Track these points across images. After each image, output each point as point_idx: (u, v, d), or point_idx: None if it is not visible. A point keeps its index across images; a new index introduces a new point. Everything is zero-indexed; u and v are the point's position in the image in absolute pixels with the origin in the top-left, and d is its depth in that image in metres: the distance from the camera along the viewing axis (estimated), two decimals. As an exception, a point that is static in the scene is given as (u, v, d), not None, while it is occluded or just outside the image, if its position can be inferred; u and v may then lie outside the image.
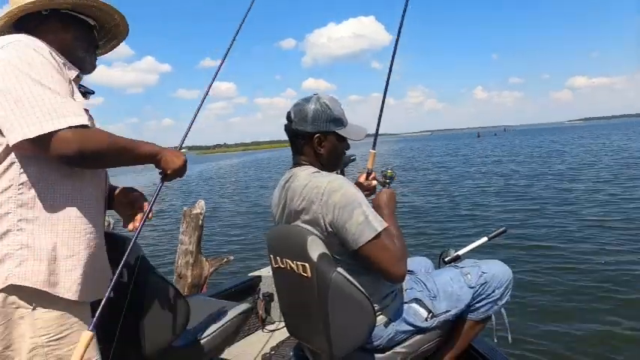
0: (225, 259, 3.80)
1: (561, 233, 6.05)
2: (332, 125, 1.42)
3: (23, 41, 1.03)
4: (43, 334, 1.01)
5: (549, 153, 22.60)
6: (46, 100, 0.96)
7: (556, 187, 10.41)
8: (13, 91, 0.95)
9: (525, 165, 17.17)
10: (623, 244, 5.30)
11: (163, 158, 1.17)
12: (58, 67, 1.05)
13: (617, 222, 6.35)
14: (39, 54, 1.01)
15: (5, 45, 1.01)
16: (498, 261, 1.65)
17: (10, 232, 0.99)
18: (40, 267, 1.00)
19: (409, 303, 1.47)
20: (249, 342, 2.47)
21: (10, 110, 0.94)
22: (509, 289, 1.58)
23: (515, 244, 5.54)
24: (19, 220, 1.00)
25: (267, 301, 2.63)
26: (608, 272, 4.36)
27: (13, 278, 0.97)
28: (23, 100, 0.95)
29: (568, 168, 14.46)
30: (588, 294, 3.93)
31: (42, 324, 1.01)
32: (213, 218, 9.81)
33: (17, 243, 1.00)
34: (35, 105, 0.95)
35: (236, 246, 7.04)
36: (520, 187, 10.99)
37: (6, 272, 0.98)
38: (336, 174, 1.45)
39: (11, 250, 0.99)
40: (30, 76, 0.97)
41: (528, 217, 7.31)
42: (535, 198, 9.20)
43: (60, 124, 0.95)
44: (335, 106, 1.44)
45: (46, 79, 0.98)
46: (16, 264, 0.98)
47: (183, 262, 3.39)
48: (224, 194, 14.63)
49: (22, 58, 0.98)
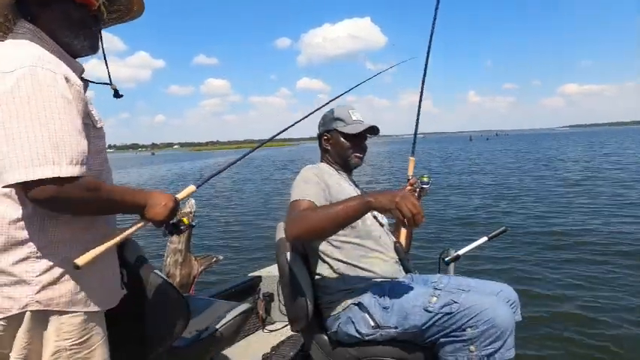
0: (214, 259, 3.77)
1: (561, 233, 6.11)
2: (333, 123, 1.73)
3: (35, 68, 0.94)
4: (67, 337, 1.04)
5: (548, 158, 22.84)
6: (39, 145, 0.90)
7: (554, 188, 10.57)
8: (9, 127, 0.90)
9: (523, 166, 17.43)
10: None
11: (148, 214, 1.12)
12: (73, 95, 0.99)
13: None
14: (49, 86, 0.94)
15: (15, 70, 0.93)
16: (501, 302, 1.35)
17: (30, 258, 0.99)
18: (60, 291, 1.02)
19: (358, 306, 1.47)
20: (250, 342, 2.47)
21: (1, 148, 0.90)
22: (501, 340, 1.21)
23: (516, 243, 5.58)
24: (37, 247, 1.00)
25: (267, 301, 2.64)
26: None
27: (34, 304, 0.99)
28: (16, 141, 0.90)
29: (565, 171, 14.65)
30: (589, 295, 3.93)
31: (67, 328, 1.04)
32: (209, 217, 9.77)
33: (35, 270, 1.00)
34: (24, 149, 0.89)
35: (233, 245, 7.01)
36: (519, 187, 11.16)
37: (25, 298, 0.99)
38: (317, 166, 1.69)
39: (29, 276, 0.99)
40: (31, 114, 0.91)
41: (528, 217, 7.40)
42: (535, 198, 9.36)
43: (39, 174, 0.89)
44: (339, 109, 1.75)
45: (48, 118, 0.92)
46: (35, 291, 0.99)
47: (172, 260, 3.36)
48: (219, 193, 14.58)
49: (29, 90, 0.92)
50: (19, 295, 0.99)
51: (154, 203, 1.11)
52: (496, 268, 4.78)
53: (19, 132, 0.90)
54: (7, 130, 0.90)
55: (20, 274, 0.99)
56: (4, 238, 0.98)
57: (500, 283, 1.62)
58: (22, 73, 0.93)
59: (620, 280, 4.23)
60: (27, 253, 0.99)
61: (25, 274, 0.99)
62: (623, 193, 9.39)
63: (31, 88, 0.92)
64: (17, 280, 0.99)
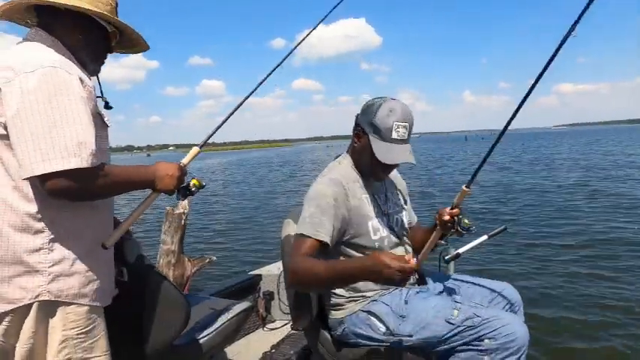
0: (208, 260, 3.77)
1: (563, 232, 6.12)
2: (368, 126, 1.44)
3: (54, 69, 1.01)
4: (73, 327, 1.09)
5: (545, 157, 22.94)
6: (59, 139, 0.97)
7: (553, 190, 10.60)
8: (32, 124, 0.96)
9: (522, 165, 17.48)
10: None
11: (158, 186, 1.19)
12: (86, 94, 1.06)
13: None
14: (66, 85, 1.01)
15: (36, 70, 1.00)
16: (516, 316, 1.40)
17: (43, 249, 1.04)
18: (70, 283, 1.08)
19: (368, 313, 1.45)
20: (250, 340, 2.47)
21: (24, 144, 0.96)
22: (516, 355, 1.24)
23: (515, 243, 5.59)
24: (50, 239, 1.05)
25: (267, 299, 2.64)
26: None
27: (46, 294, 1.04)
28: (39, 135, 0.96)
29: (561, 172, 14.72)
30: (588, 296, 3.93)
31: (73, 318, 1.09)
32: (205, 217, 9.74)
33: (48, 261, 1.05)
34: (47, 143, 0.96)
35: (232, 245, 7.00)
36: (519, 186, 11.20)
37: (37, 288, 1.04)
38: (338, 169, 1.53)
39: (42, 267, 1.04)
40: (52, 110, 0.98)
41: (527, 215, 7.43)
42: (534, 197, 9.39)
43: (60, 166, 0.96)
44: (383, 115, 1.40)
45: (66, 114, 0.99)
46: (47, 281, 1.04)
47: (165, 262, 3.35)
48: (216, 193, 14.55)
49: (49, 88, 0.99)
50: (31, 285, 1.03)
51: (161, 175, 1.18)
52: (496, 267, 4.80)
53: (42, 127, 0.96)
54: (30, 126, 0.96)
55: (34, 264, 1.03)
56: (18, 230, 1.03)
57: (503, 283, 1.61)
58: (42, 72, 0.99)
59: (625, 278, 4.21)
60: (40, 244, 1.04)
61: (38, 264, 1.03)
62: (623, 191, 9.41)
63: (52, 87, 0.99)
64: (30, 270, 1.03)
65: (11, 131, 0.98)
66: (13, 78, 0.99)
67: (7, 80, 0.99)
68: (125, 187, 1.15)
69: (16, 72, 0.99)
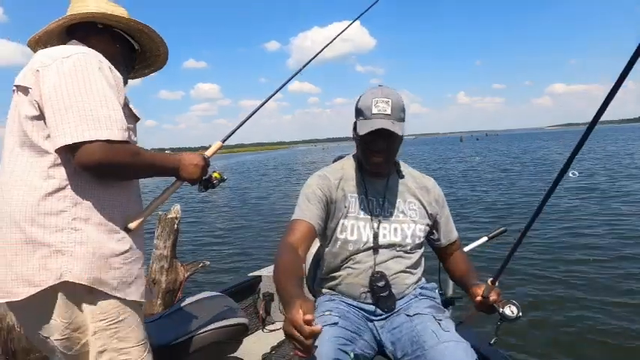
0: (201, 264, 3.76)
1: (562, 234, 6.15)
2: (356, 114, 1.44)
3: (88, 54, 1.10)
4: (102, 319, 1.09)
5: (542, 157, 23.03)
6: (92, 112, 1.01)
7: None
8: (67, 99, 1.01)
9: (520, 166, 17.52)
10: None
11: (183, 174, 1.24)
12: (115, 82, 1.11)
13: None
14: (100, 68, 1.08)
15: (71, 55, 1.07)
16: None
17: (65, 229, 1.04)
18: (91, 265, 1.05)
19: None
20: (250, 341, 2.46)
21: (59, 116, 1.01)
22: None
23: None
24: (73, 219, 1.05)
25: (267, 300, 2.63)
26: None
27: (68, 275, 1.03)
28: (73, 108, 1.01)
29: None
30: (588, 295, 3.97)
31: (100, 310, 1.09)
32: (203, 222, 9.73)
33: (71, 241, 1.04)
34: (81, 115, 1.00)
35: (231, 247, 6.99)
36: (517, 187, 11.26)
37: (60, 268, 1.03)
38: (332, 166, 1.55)
39: (65, 247, 1.03)
40: (85, 88, 1.03)
41: (527, 217, 7.40)
42: (533, 197, 9.42)
43: (92, 136, 1.00)
44: (365, 96, 1.40)
45: (98, 93, 1.04)
46: (69, 261, 1.03)
47: (158, 267, 3.34)
48: (214, 195, 14.51)
49: (83, 70, 1.05)
50: (54, 266, 1.02)
51: (186, 164, 1.23)
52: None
53: (76, 102, 1.01)
54: (65, 101, 1.01)
55: (56, 244, 1.03)
56: (41, 210, 1.03)
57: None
58: (77, 57, 1.07)
59: (626, 278, 4.24)
60: (62, 224, 1.04)
61: (60, 244, 1.03)
62: (623, 189, 9.49)
63: (86, 68, 1.06)
64: (53, 250, 1.02)
65: (46, 107, 1.02)
66: (50, 63, 1.05)
67: (44, 65, 1.06)
68: (151, 169, 1.17)
69: (53, 58, 1.06)
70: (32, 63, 1.10)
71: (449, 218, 1.57)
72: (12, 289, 1.02)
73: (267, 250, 6.28)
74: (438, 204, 1.54)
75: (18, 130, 1.08)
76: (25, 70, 1.11)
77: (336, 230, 1.46)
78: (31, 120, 1.05)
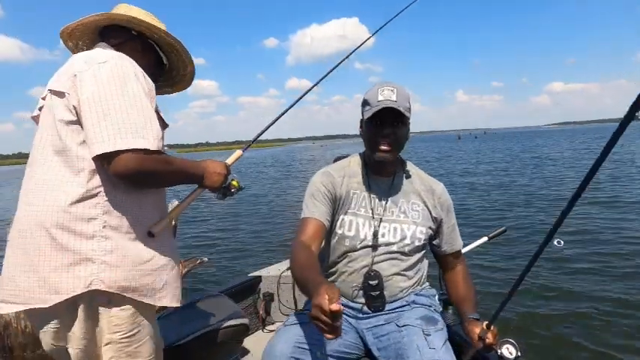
0: (199, 261, 3.75)
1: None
2: (362, 108, 1.45)
3: (124, 60, 1.11)
4: (117, 331, 1.09)
5: (541, 156, 23.05)
6: (129, 121, 1.02)
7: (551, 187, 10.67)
8: (104, 106, 1.02)
9: (519, 164, 17.57)
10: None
11: (206, 182, 1.25)
12: (149, 90, 1.13)
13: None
14: (136, 75, 1.09)
15: (108, 60, 1.08)
16: None
17: (95, 237, 1.04)
18: (121, 274, 1.06)
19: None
20: (250, 342, 2.46)
21: (96, 123, 1.01)
22: None
23: (515, 243, 5.60)
24: (103, 227, 1.05)
25: (267, 300, 2.63)
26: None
27: (98, 283, 1.03)
28: (110, 116, 1.01)
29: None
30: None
31: (117, 321, 1.09)
32: (205, 220, 9.71)
33: (102, 249, 1.04)
34: (118, 123, 1.01)
35: (230, 246, 6.97)
36: (517, 186, 11.23)
37: (90, 276, 1.03)
38: (338, 163, 1.54)
39: (96, 255, 1.04)
40: (123, 96, 1.04)
41: (527, 216, 7.45)
42: (533, 196, 9.42)
43: (129, 145, 1.00)
44: (371, 89, 1.41)
45: (135, 100, 1.05)
46: (100, 270, 1.03)
47: None
48: (210, 197, 14.47)
49: (120, 76, 1.06)
50: (84, 274, 1.02)
51: (210, 172, 1.24)
52: (496, 267, 4.82)
53: (113, 109, 1.01)
54: (102, 108, 1.01)
55: (87, 251, 1.03)
56: (72, 217, 1.02)
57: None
58: (114, 62, 1.08)
59: (631, 277, 4.22)
60: (93, 231, 1.04)
61: (91, 252, 1.03)
62: (623, 188, 9.47)
63: (122, 74, 1.06)
64: (83, 258, 1.02)
65: (84, 113, 1.02)
66: (87, 68, 1.06)
67: (81, 70, 1.06)
68: (180, 177, 1.19)
69: (90, 63, 1.07)
70: (68, 67, 1.10)
71: (454, 227, 1.53)
72: (39, 296, 1.01)
73: (267, 249, 6.27)
74: (443, 209, 1.50)
75: (52, 134, 1.07)
76: (60, 74, 1.11)
77: (335, 225, 1.46)
78: (67, 125, 1.05)
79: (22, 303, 1.02)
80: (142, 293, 1.09)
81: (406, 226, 1.44)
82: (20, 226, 1.05)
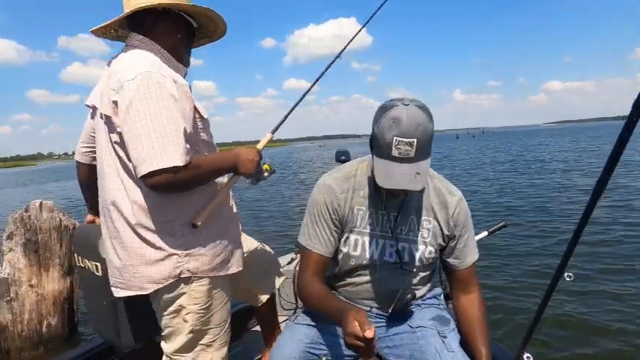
0: None
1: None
2: (372, 138, 1.21)
3: (150, 73, 1.14)
4: (196, 302, 1.29)
5: (540, 154, 23.07)
6: (157, 141, 1.09)
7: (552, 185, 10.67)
8: (135, 129, 1.11)
9: (518, 162, 17.63)
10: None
11: (241, 170, 1.29)
12: (179, 95, 1.17)
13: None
14: (160, 84, 1.14)
15: (136, 77, 1.13)
16: None
17: (175, 235, 1.23)
18: (202, 261, 1.27)
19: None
20: (249, 341, 2.46)
21: (132, 148, 1.11)
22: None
23: (516, 242, 5.62)
24: (181, 225, 1.23)
25: (266, 301, 2.62)
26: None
27: (185, 272, 1.25)
28: (141, 138, 1.10)
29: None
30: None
31: (196, 294, 1.29)
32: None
33: (181, 244, 1.23)
34: (148, 146, 1.09)
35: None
36: (516, 182, 11.31)
37: (178, 267, 1.24)
38: (343, 172, 1.40)
39: (177, 251, 1.23)
40: (150, 115, 1.11)
41: (527, 211, 7.50)
42: (532, 192, 9.50)
43: (158, 165, 1.08)
44: (387, 126, 1.13)
45: (162, 118, 1.11)
46: (185, 262, 1.24)
47: None
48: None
49: (146, 95, 1.12)
50: (171, 267, 1.23)
51: (243, 160, 1.28)
52: (495, 263, 4.83)
53: (143, 133, 1.10)
54: (133, 132, 1.11)
55: (172, 248, 1.22)
56: (151, 222, 1.21)
57: None
58: (140, 79, 1.13)
59: (633, 273, 4.23)
60: (172, 231, 1.22)
61: (175, 248, 1.23)
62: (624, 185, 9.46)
63: (147, 93, 1.12)
64: (168, 253, 1.22)
65: (124, 138, 1.14)
66: (120, 89, 1.15)
67: (116, 92, 1.16)
68: (214, 175, 1.27)
69: (121, 82, 1.15)
70: (106, 85, 1.20)
71: (467, 241, 1.39)
72: (139, 284, 1.24)
73: (267, 244, 6.25)
74: (458, 225, 1.36)
75: (113, 154, 1.23)
76: (101, 91, 1.24)
77: (339, 242, 1.38)
78: (123, 147, 1.18)
79: (128, 289, 1.26)
80: (217, 270, 1.31)
81: (415, 246, 1.36)
82: (113, 227, 1.26)
